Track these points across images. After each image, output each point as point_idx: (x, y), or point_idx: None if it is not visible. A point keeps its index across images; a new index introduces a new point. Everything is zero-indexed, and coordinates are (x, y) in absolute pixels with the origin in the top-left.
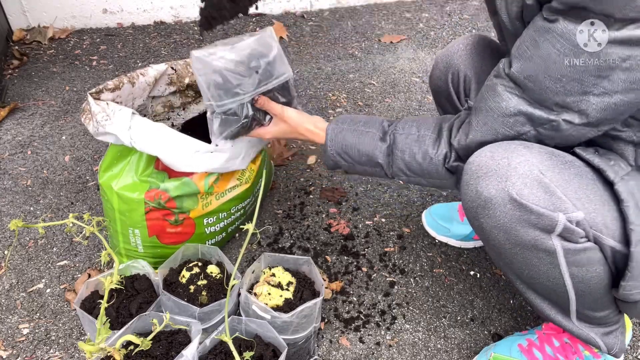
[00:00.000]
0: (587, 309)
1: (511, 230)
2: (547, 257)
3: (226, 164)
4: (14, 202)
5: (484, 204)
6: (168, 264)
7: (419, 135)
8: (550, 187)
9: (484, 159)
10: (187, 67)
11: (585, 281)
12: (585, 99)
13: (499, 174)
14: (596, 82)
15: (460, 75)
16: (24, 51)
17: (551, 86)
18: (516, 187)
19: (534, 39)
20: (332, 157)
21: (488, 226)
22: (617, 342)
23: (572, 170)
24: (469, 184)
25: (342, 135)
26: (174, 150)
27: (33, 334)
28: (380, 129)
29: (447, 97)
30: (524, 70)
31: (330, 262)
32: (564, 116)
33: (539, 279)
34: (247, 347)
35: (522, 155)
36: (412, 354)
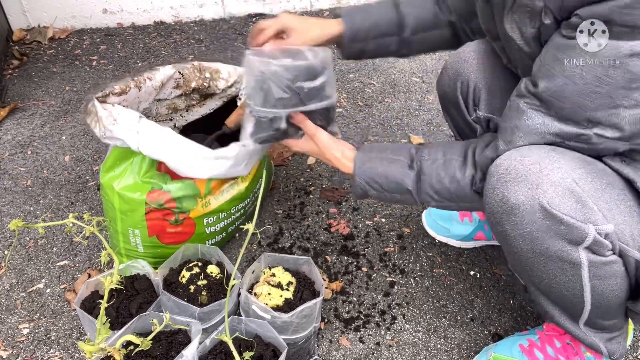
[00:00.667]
0: (598, 318)
1: (537, 239)
2: (571, 269)
3: (230, 170)
4: (14, 202)
5: (511, 211)
6: (168, 264)
7: (445, 160)
8: (582, 197)
9: (513, 162)
10: (194, 70)
11: (605, 294)
12: (616, 113)
13: (529, 180)
14: (626, 94)
15: (470, 84)
16: (24, 51)
17: (580, 102)
18: (547, 196)
19: (556, 57)
20: (361, 186)
21: (513, 234)
22: (619, 347)
23: (604, 180)
24: (495, 188)
25: (370, 163)
26: (180, 156)
27: (33, 334)
28: (408, 156)
29: (455, 105)
30: (550, 88)
31: (330, 262)
32: (595, 130)
33: (558, 288)
34: (247, 347)
35: (555, 162)
36: (412, 354)
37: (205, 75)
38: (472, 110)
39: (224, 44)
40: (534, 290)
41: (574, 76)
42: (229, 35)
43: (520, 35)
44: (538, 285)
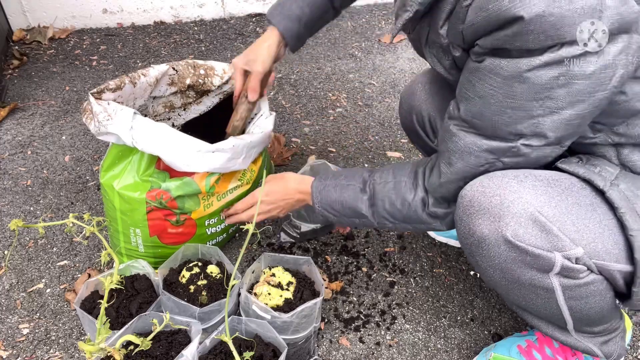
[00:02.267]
0: (585, 326)
1: (507, 270)
2: (545, 293)
3: (227, 164)
4: (14, 202)
5: (478, 243)
6: (168, 264)
7: (395, 182)
8: (546, 225)
9: (476, 194)
10: (189, 67)
11: (584, 311)
12: (535, 122)
13: (491, 212)
14: (538, 104)
15: (424, 115)
16: (24, 51)
17: (498, 119)
18: (510, 228)
19: (469, 80)
20: (321, 213)
21: (484, 265)
22: (616, 348)
23: (570, 200)
24: (461, 220)
25: (325, 191)
26: (176, 150)
27: (33, 334)
28: (360, 180)
29: (416, 135)
30: (469, 110)
31: (330, 262)
32: (521, 142)
33: (536, 309)
34: (247, 347)
35: (515, 192)
36: (412, 354)
37: (200, 72)
38: (432, 137)
39: (224, 44)
40: (516, 308)
41: (486, 96)
42: (229, 35)
43: (441, 65)
44: (517, 305)
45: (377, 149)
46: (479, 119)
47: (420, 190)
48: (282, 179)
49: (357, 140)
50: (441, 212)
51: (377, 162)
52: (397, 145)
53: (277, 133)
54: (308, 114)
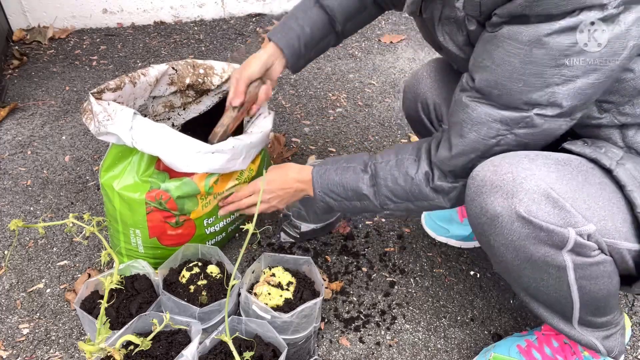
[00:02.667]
0: (590, 315)
1: (520, 247)
2: (557, 272)
3: (227, 165)
4: (14, 202)
5: (491, 222)
6: (168, 264)
7: (397, 160)
8: (559, 201)
9: (487, 173)
10: (188, 67)
11: (593, 293)
12: (550, 91)
13: (504, 189)
14: (555, 72)
15: (429, 103)
16: (24, 51)
17: (514, 87)
18: (524, 204)
19: (485, 49)
20: (321, 198)
21: (496, 244)
22: (617, 344)
23: (580, 178)
24: (473, 200)
25: (326, 175)
26: (175, 151)
27: (33, 334)
28: (361, 162)
29: (421, 125)
30: (484, 79)
31: (330, 262)
32: (535, 111)
33: (546, 291)
34: (247, 347)
35: (527, 169)
36: (412, 354)
37: (199, 71)
38: (437, 127)
39: (224, 44)
40: (523, 295)
41: (503, 63)
42: (229, 35)
43: (454, 43)
44: (526, 289)
45: (377, 149)
46: (495, 87)
47: (424, 165)
48: (282, 168)
49: (357, 140)
50: (447, 186)
51: None
52: None
53: (277, 133)
54: (308, 114)
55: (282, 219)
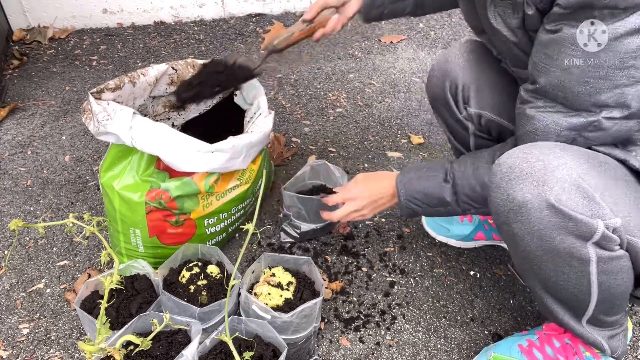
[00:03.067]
0: (602, 313)
1: (546, 237)
2: (580, 264)
3: (227, 164)
4: (14, 202)
5: (518, 209)
6: (168, 264)
7: (474, 169)
8: (589, 192)
9: (517, 160)
10: (188, 67)
11: (611, 289)
12: (619, 92)
13: (534, 177)
14: (623, 73)
15: (459, 83)
16: (24, 51)
17: (582, 90)
18: (554, 192)
19: (547, 54)
20: (407, 205)
21: (521, 232)
22: (620, 344)
23: (608, 173)
24: (499, 187)
25: (410, 184)
26: (175, 150)
27: (33, 334)
28: (442, 170)
29: (445, 105)
30: (550, 82)
31: (330, 262)
32: (603, 114)
33: (565, 285)
34: (247, 347)
35: (560, 158)
36: (412, 354)
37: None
38: (462, 108)
39: (224, 44)
40: (539, 289)
41: (569, 67)
42: (229, 35)
43: (505, 26)
44: (545, 283)
45: (377, 149)
46: (560, 90)
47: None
48: (370, 179)
49: (357, 140)
50: None
51: (377, 162)
52: (397, 145)
53: (277, 133)
54: (308, 114)
55: (282, 219)
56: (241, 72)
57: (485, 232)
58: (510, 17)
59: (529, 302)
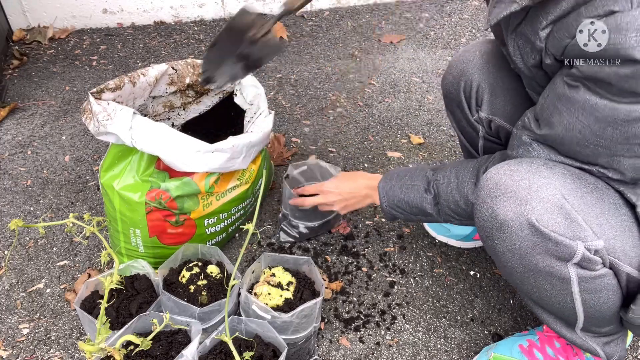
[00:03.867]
0: (594, 326)
1: (526, 255)
2: (561, 284)
3: (227, 164)
4: (14, 202)
5: (500, 226)
6: (168, 264)
7: (458, 183)
8: (571, 213)
9: (503, 177)
10: (188, 67)
11: (597, 306)
12: (617, 160)
13: (518, 196)
14: (625, 148)
15: (474, 85)
16: (24, 51)
17: (579, 150)
18: (536, 212)
19: (556, 106)
20: (388, 211)
21: (502, 249)
22: (617, 350)
23: (595, 194)
24: (484, 202)
25: (392, 192)
26: (175, 150)
27: (33, 334)
28: (424, 180)
29: (458, 104)
30: (551, 135)
31: (330, 262)
32: (597, 168)
33: (549, 302)
34: (247, 347)
35: (545, 177)
36: (412, 354)
37: (199, 71)
38: (474, 111)
39: None
40: (527, 300)
41: (573, 129)
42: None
43: (522, 59)
44: (530, 297)
45: (377, 149)
46: (561, 144)
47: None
48: (353, 175)
49: (357, 140)
50: None
51: (377, 162)
52: (397, 145)
53: (277, 133)
54: (308, 114)
55: (281, 219)
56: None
57: None
58: (528, 55)
59: None
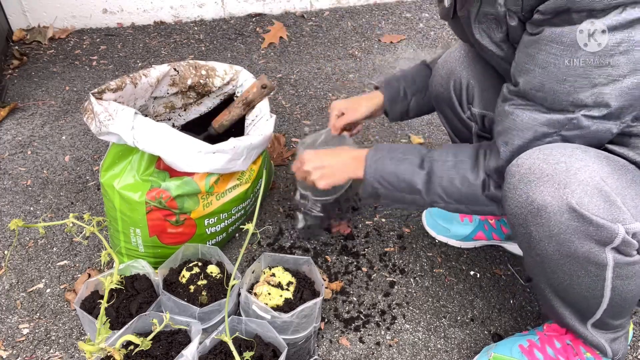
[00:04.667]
0: (610, 317)
1: (565, 241)
2: (596, 269)
3: (228, 165)
4: (14, 202)
5: (536, 212)
6: (168, 264)
7: (456, 162)
8: (610, 196)
9: (537, 161)
10: (190, 68)
11: (624, 294)
12: (597, 91)
13: (555, 179)
14: (600, 72)
15: (463, 82)
16: (24, 51)
17: (560, 88)
18: (576, 196)
19: (528, 53)
20: (371, 183)
21: (538, 235)
22: (621, 347)
23: (628, 176)
24: (517, 188)
25: (381, 161)
26: (177, 150)
27: (33, 334)
28: (418, 155)
29: (449, 104)
30: (529, 82)
31: (330, 262)
32: (582, 112)
33: (578, 289)
34: (247, 347)
35: (581, 160)
36: (412, 354)
37: (201, 73)
38: (466, 108)
39: (224, 44)
40: (548, 292)
41: (547, 65)
42: (229, 35)
43: (490, 41)
44: (557, 286)
45: None
46: (540, 90)
47: (482, 172)
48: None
49: (357, 141)
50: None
51: None
52: None
53: (277, 133)
54: (308, 114)
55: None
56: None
57: (486, 232)
58: (495, 32)
59: (529, 302)
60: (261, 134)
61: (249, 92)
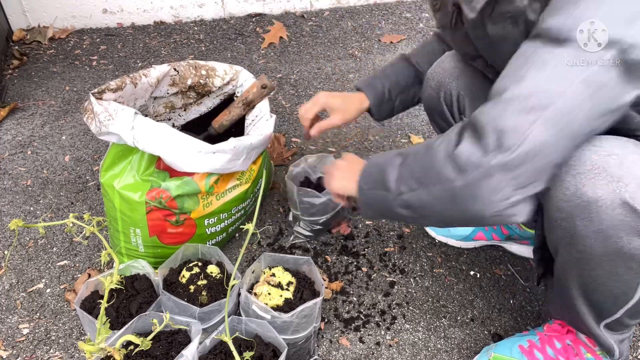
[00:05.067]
0: (629, 317)
1: (612, 237)
2: (638, 267)
3: (228, 165)
4: (14, 202)
5: (586, 205)
6: (168, 264)
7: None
8: None
9: (587, 152)
10: (190, 68)
11: None
12: None
13: (609, 172)
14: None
15: (453, 93)
16: (24, 51)
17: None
18: (629, 190)
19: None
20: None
21: (584, 231)
22: (626, 348)
23: None
24: (564, 180)
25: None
26: (177, 150)
27: (33, 334)
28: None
29: (440, 115)
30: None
31: (330, 262)
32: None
33: (611, 287)
34: (247, 347)
35: (634, 153)
36: (412, 354)
37: (201, 73)
38: (457, 118)
39: (224, 44)
40: (573, 289)
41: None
42: (229, 35)
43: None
44: (589, 284)
45: (377, 149)
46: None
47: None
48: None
49: (357, 140)
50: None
51: None
52: (398, 146)
53: (277, 133)
54: None
55: (293, 221)
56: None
57: (485, 233)
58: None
59: (529, 302)
60: (261, 134)
61: (249, 92)
